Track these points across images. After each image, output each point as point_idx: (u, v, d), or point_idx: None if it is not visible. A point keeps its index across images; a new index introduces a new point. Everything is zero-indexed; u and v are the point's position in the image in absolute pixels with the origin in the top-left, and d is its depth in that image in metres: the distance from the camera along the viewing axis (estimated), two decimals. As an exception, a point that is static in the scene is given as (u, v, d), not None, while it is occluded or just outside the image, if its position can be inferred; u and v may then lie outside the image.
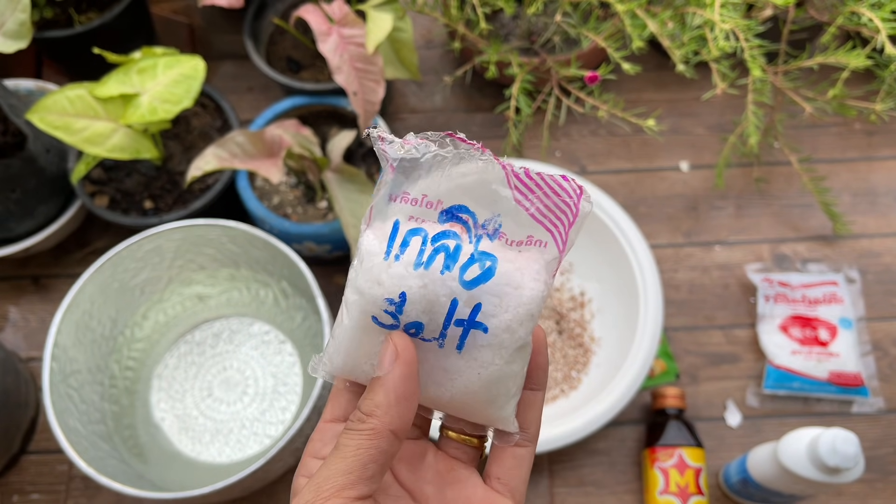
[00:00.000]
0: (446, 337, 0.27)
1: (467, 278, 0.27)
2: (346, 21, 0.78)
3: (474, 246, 0.27)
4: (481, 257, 0.27)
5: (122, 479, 0.64)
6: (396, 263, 0.27)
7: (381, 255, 0.27)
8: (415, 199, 0.28)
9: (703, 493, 0.72)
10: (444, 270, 0.27)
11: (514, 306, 0.27)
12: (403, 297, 0.27)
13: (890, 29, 0.67)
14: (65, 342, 0.70)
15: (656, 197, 0.92)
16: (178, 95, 0.74)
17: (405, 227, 0.27)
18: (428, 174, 0.28)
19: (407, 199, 0.28)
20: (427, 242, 0.27)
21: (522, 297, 0.27)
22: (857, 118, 0.95)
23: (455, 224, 0.27)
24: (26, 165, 0.77)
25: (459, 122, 0.97)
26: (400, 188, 0.28)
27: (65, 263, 0.89)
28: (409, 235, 0.27)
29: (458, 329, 0.27)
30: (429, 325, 0.27)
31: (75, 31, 0.84)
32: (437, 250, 0.27)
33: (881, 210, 0.91)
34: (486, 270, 0.27)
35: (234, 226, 0.73)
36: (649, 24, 0.70)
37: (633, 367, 0.72)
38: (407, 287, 0.27)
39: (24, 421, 0.78)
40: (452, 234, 0.27)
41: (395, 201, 0.28)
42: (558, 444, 0.70)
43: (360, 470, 0.24)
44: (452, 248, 0.27)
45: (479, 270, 0.27)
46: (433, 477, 0.29)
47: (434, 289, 0.27)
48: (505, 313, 0.27)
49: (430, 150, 0.28)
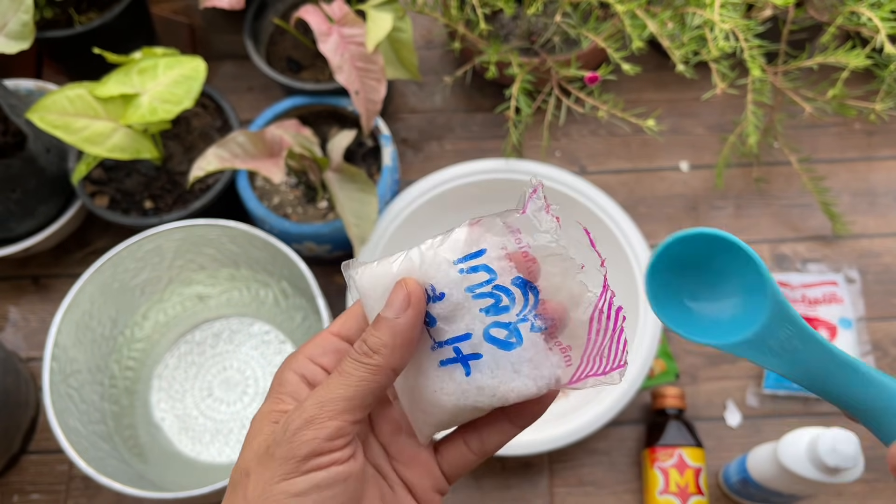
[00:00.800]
0: (442, 347, 0.29)
1: (491, 333, 0.28)
2: (346, 21, 0.78)
3: (517, 320, 0.28)
4: (513, 332, 0.28)
5: (122, 478, 0.64)
6: (458, 275, 0.28)
7: (454, 259, 0.28)
8: (518, 247, 0.28)
9: (703, 493, 0.72)
10: (482, 310, 0.28)
11: (500, 382, 0.29)
12: (442, 296, 0.28)
13: (889, 28, 0.67)
14: (65, 342, 0.71)
15: (656, 197, 0.92)
16: (178, 96, 0.74)
17: (485, 261, 0.28)
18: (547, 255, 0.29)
19: (513, 241, 0.28)
20: (489, 284, 0.28)
21: (513, 382, 0.28)
22: (857, 118, 0.95)
23: (519, 292, 0.28)
24: (27, 165, 0.77)
25: (459, 122, 0.97)
26: (516, 227, 0.28)
27: (65, 263, 0.89)
28: (482, 269, 0.28)
29: (452, 353, 0.29)
30: (437, 329, 0.29)
31: (75, 31, 0.84)
32: (491, 295, 0.28)
33: (881, 210, 0.91)
34: (506, 342, 0.28)
35: (234, 226, 0.74)
36: (649, 25, 0.70)
37: (632, 367, 0.72)
38: (450, 294, 0.28)
39: (25, 421, 0.78)
40: (512, 296, 0.28)
41: (501, 235, 0.29)
42: (558, 444, 0.70)
43: (361, 399, 0.26)
44: (502, 305, 0.28)
45: (502, 337, 0.28)
46: (393, 424, 0.31)
47: (464, 314, 0.28)
48: (490, 380, 0.28)
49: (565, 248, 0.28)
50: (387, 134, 0.83)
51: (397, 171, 0.85)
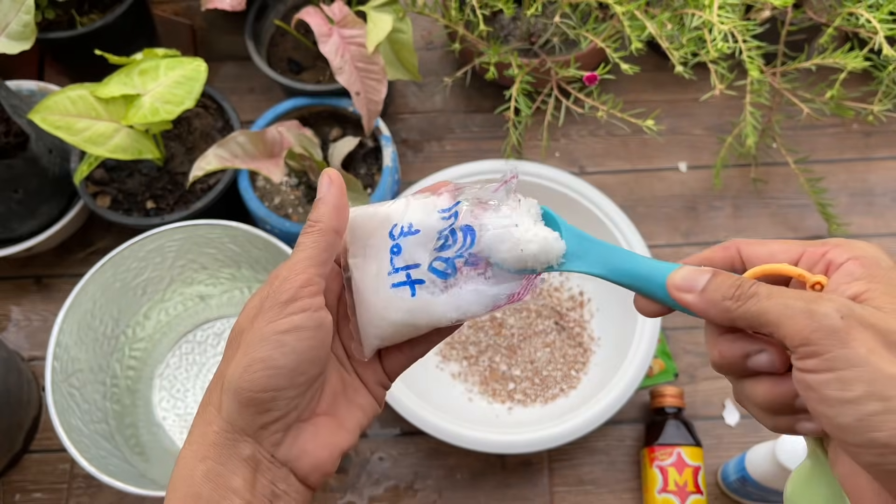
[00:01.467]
0: (397, 273, 0.35)
1: (433, 265, 0.35)
2: (346, 22, 0.78)
3: (454, 255, 0.35)
4: (449, 265, 0.35)
5: (123, 477, 0.64)
6: (437, 220, 0.35)
7: (439, 208, 0.35)
8: (479, 209, 0.35)
9: (702, 491, 0.72)
10: (434, 248, 0.35)
11: (436, 305, 0.35)
12: (417, 232, 0.35)
13: (887, 30, 0.68)
14: (67, 342, 0.71)
15: (655, 197, 0.92)
16: (179, 96, 0.75)
17: (454, 211, 0.35)
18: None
19: (478, 206, 0.35)
20: (447, 230, 0.34)
21: (444, 306, 0.35)
22: (855, 119, 0.95)
23: (461, 235, 0.35)
24: (29, 166, 0.77)
25: (459, 122, 0.98)
26: (486, 199, 0.35)
27: (67, 263, 0.89)
28: (452, 217, 0.35)
29: (403, 277, 0.35)
30: (400, 257, 0.35)
31: (77, 33, 0.85)
32: (442, 236, 0.35)
33: (878, 210, 0.91)
34: (443, 272, 0.35)
35: (235, 226, 0.74)
36: (648, 26, 0.71)
37: (631, 367, 0.73)
38: (423, 232, 0.35)
39: (27, 420, 0.78)
40: (455, 238, 0.35)
41: (471, 199, 0.35)
42: (558, 443, 0.71)
43: (318, 256, 0.33)
44: (447, 244, 0.35)
45: (440, 269, 0.34)
46: (351, 334, 0.38)
47: (422, 249, 0.35)
48: (428, 302, 0.35)
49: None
50: (387, 134, 0.84)
51: (397, 172, 0.86)
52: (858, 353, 0.26)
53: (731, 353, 0.31)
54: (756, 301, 0.29)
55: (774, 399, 0.30)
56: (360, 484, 0.78)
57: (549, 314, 0.84)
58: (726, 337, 0.31)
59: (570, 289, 0.85)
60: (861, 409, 0.26)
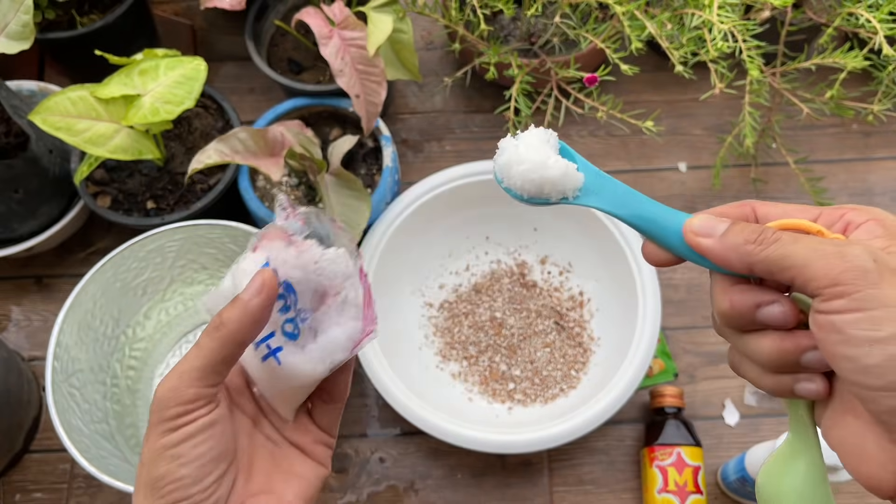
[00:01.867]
0: (258, 347, 0.34)
1: (285, 328, 0.34)
2: (346, 23, 0.78)
3: (297, 315, 0.34)
4: (295, 325, 0.34)
5: (124, 477, 0.64)
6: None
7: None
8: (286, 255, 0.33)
9: (702, 491, 0.72)
10: (279, 310, 0.33)
11: (298, 364, 0.34)
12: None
13: (887, 30, 0.68)
14: (67, 341, 0.71)
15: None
16: (179, 96, 0.75)
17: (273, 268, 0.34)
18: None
19: (280, 250, 0.33)
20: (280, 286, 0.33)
21: (306, 364, 0.34)
22: (855, 119, 0.96)
23: (289, 294, 0.33)
24: (29, 166, 0.78)
25: (459, 122, 0.98)
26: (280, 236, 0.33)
27: (67, 263, 0.89)
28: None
29: (266, 349, 0.34)
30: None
31: (77, 33, 0.85)
32: (281, 296, 0.33)
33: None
34: (292, 334, 0.34)
35: (235, 226, 0.74)
36: (648, 26, 0.71)
37: (631, 367, 0.73)
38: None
39: (27, 420, 0.79)
40: (288, 296, 0.33)
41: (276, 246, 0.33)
42: (557, 443, 0.71)
43: (212, 368, 0.31)
44: (287, 304, 0.33)
45: (290, 330, 0.34)
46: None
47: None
48: (294, 365, 0.34)
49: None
50: (387, 135, 0.84)
51: (397, 172, 0.86)
52: (890, 293, 0.26)
53: (742, 303, 0.30)
54: (780, 245, 0.28)
55: (780, 354, 0.29)
56: (360, 484, 0.78)
57: (549, 314, 0.84)
58: (739, 287, 0.30)
59: (570, 289, 0.85)
60: (891, 348, 0.25)
